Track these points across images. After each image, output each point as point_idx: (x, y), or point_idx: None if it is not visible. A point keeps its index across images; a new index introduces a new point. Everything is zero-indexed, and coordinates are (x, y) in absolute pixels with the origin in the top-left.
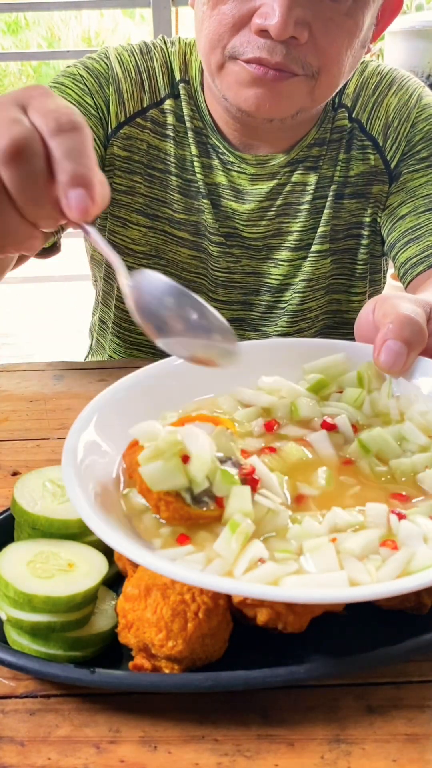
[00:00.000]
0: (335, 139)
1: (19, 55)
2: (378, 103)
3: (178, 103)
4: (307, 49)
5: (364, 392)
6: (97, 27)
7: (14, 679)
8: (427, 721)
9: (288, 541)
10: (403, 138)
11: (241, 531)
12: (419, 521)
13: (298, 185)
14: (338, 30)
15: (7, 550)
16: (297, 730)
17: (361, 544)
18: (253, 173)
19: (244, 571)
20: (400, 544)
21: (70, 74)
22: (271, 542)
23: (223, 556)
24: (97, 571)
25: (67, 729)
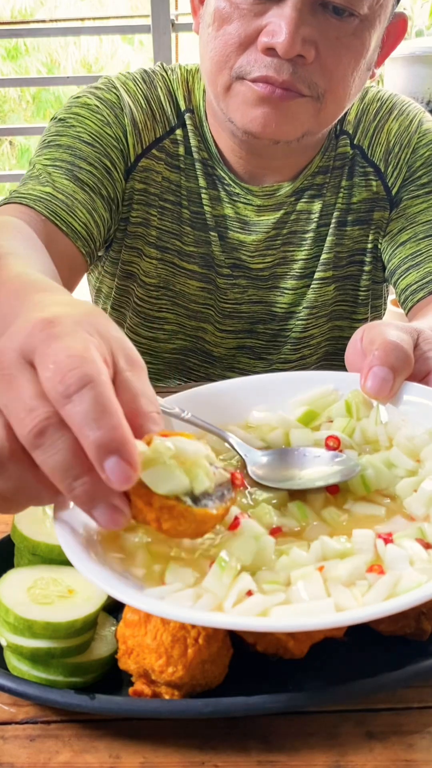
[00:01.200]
0: (338, 166)
1: (18, 81)
2: (379, 129)
3: (185, 133)
4: (313, 68)
5: (353, 420)
6: (97, 53)
7: (14, 705)
8: (427, 748)
9: (276, 573)
10: (404, 164)
11: (230, 567)
12: (405, 544)
13: (303, 213)
14: (345, 50)
15: (7, 576)
16: (297, 756)
17: (348, 570)
18: (260, 204)
19: (233, 605)
20: (387, 569)
21: (84, 104)
22: (260, 574)
23: (212, 592)
24: (97, 597)
25: (68, 755)
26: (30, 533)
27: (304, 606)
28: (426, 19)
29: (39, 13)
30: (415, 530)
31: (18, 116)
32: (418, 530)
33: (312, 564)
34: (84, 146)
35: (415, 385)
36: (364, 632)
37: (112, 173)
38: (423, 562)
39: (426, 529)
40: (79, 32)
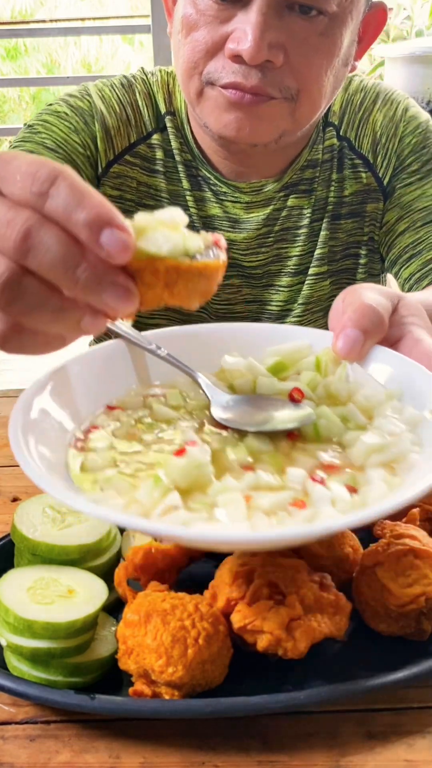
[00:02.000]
0: (326, 159)
1: (18, 81)
2: (364, 120)
3: (165, 137)
4: (283, 71)
5: (319, 376)
6: (97, 53)
7: (14, 705)
8: (427, 747)
9: (207, 496)
10: (392, 153)
11: (163, 485)
12: (333, 487)
13: (295, 209)
14: (315, 51)
15: (7, 576)
16: (297, 756)
17: (272, 501)
18: (248, 201)
19: (159, 515)
20: (309, 505)
21: (53, 111)
22: (193, 496)
23: (141, 503)
24: (97, 598)
25: (67, 755)
26: (30, 533)
27: (222, 525)
28: (426, 19)
29: (39, 13)
30: (348, 476)
31: (18, 116)
32: (351, 477)
33: (239, 491)
34: (47, 152)
35: (384, 349)
36: (364, 632)
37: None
38: (345, 503)
39: (358, 477)
40: (79, 32)
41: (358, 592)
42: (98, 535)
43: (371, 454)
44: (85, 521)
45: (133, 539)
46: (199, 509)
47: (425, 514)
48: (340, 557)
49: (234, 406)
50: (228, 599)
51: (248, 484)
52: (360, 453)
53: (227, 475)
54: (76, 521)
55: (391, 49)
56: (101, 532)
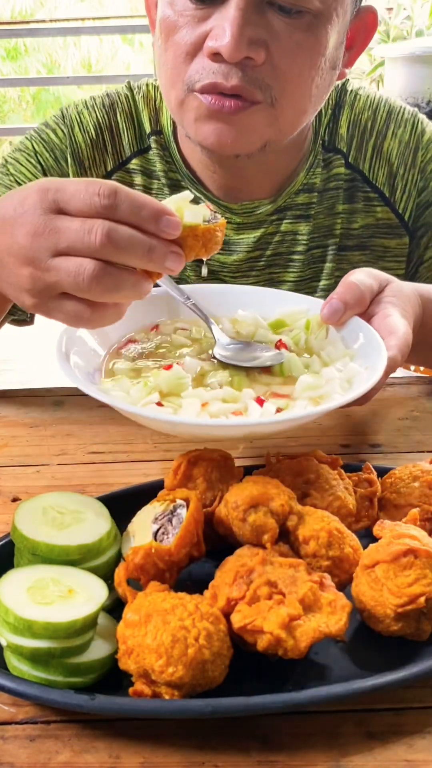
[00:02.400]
0: (331, 188)
1: (18, 81)
2: (378, 148)
3: (148, 159)
4: (264, 70)
5: (304, 333)
6: (97, 53)
7: (14, 705)
8: (427, 747)
9: (178, 398)
10: (412, 187)
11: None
12: (267, 406)
13: (289, 234)
14: (298, 48)
15: (7, 576)
16: (297, 756)
17: (219, 408)
18: (240, 222)
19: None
20: (244, 414)
21: (24, 148)
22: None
23: (132, 396)
24: (97, 598)
25: (68, 755)
26: (30, 533)
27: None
28: (426, 19)
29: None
30: (283, 402)
31: (18, 116)
32: (285, 403)
33: (199, 398)
34: None
35: (359, 320)
36: (364, 632)
37: None
38: (269, 415)
39: (290, 404)
40: (79, 32)
41: (358, 592)
42: (98, 535)
43: (305, 390)
44: (84, 521)
45: (132, 539)
46: (169, 406)
47: (425, 514)
48: (340, 557)
49: (231, 347)
50: (228, 599)
51: (212, 396)
52: (298, 388)
53: (199, 388)
54: (76, 521)
55: (391, 49)
56: (101, 532)
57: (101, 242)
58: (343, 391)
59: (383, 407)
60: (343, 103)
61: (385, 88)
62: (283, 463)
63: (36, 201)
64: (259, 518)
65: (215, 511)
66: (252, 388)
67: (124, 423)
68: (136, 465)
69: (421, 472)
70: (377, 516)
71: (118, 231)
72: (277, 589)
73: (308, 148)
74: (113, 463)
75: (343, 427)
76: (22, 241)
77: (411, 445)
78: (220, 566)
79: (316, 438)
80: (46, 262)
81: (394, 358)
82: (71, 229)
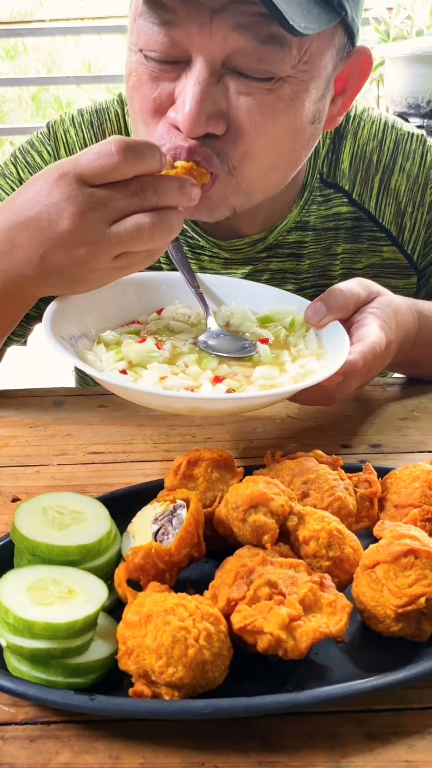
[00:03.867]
0: (330, 227)
1: (18, 81)
2: (385, 184)
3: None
4: (226, 140)
5: (283, 329)
6: (97, 53)
7: (14, 705)
8: (428, 748)
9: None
10: (421, 225)
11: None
12: (219, 386)
13: (278, 273)
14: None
15: (6, 577)
16: (297, 757)
17: (175, 382)
18: (228, 258)
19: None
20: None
21: (9, 174)
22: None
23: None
24: (97, 598)
25: (67, 756)
26: (30, 534)
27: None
28: (426, 19)
29: (39, 14)
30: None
31: (18, 116)
32: (239, 386)
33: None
34: None
35: (338, 325)
36: (364, 632)
37: None
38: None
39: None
40: (79, 32)
41: (358, 592)
42: (98, 535)
43: (259, 378)
44: (84, 521)
45: (132, 539)
46: (132, 375)
47: (425, 515)
48: (340, 557)
49: (217, 337)
50: (228, 599)
51: (169, 371)
52: (255, 376)
53: (165, 364)
54: (76, 521)
55: (391, 49)
56: (101, 533)
57: (147, 196)
58: (295, 384)
59: (383, 407)
60: (346, 133)
61: (385, 88)
62: (283, 463)
63: (63, 187)
64: (259, 518)
65: (215, 512)
66: (216, 372)
67: (124, 423)
68: (136, 465)
69: (421, 472)
70: (377, 516)
71: (155, 182)
72: (278, 589)
73: (303, 182)
74: (113, 463)
75: (343, 427)
76: (70, 226)
77: (411, 445)
78: (220, 566)
79: (316, 438)
80: (105, 233)
81: (353, 362)
82: (115, 197)
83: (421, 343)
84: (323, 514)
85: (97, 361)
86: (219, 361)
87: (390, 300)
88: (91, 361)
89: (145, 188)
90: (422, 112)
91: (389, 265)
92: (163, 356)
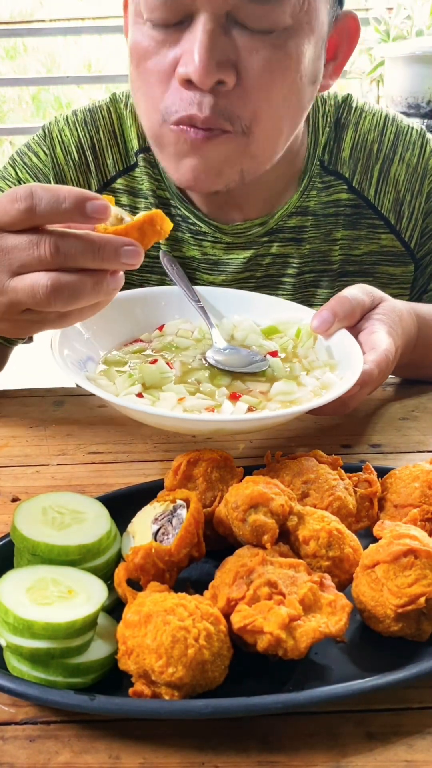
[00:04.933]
0: (330, 213)
1: (18, 81)
2: (384, 173)
3: (134, 177)
4: (235, 95)
5: (293, 341)
6: (97, 53)
7: (14, 705)
8: (427, 748)
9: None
10: (419, 214)
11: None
12: (239, 405)
13: (280, 257)
14: (269, 67)
15: (6, 577)
16: (297, 757)
17: (194, 403)
18: (229, 242)
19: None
20: (216, 411)
21: (8, 176)
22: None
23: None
24: (97, 598)
25: (67, 755)
26: (30, 533)
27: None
28: (426, 19)
29: (39, 14)
30: (256, 402)
31: (18, 116)
32: (258, 403)
33: (176, 393)
34: None
35: (346, 332)
36: (364, 632)
37: None
38: (239, 413)
39: (264, 404)
40: (79, 32)
41: (358, 593)
42: (98, 535)
43: (277, 394)
44: (84, 521)
45: (132, 539)
46: (149, 398)
47: (425, 515)
48: (340, 557)
49: (226, 352)
50: (228, 599)
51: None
52: (273, 392)
53: (181, 384)
54: (76, 521)
55: (391, 49)
56: (101, 532)
57: (49, 252)
58: (315, 398)
59: (383, 407)
60: (348, 122)
61: (385, 88)
62: (283, 463)
63: None
64: (259, 518)
65: (215, 512)
66: (233, 389)
67: (124, 423)
68: (136, 465)
69: (421, 472)
70: (377, 516)
71: (63, 237)
72: (277, 589)
73: (302, 167)
74: (113, 463)
75: (343, 427)
76: None
77: (411, 445)
78: (220, 566)
79: (316, 438)
80: (3, 285)
81: (369, 372)
82: (18, 248)
83: (421, 346)
84: (323, 514)
85: (110, 386)
86: (232, 377)
87: (394, 306)
88: (104, 386)
89: (44, 243)
90: (422, 112)
91: (387, 253)
92: (175, 375)
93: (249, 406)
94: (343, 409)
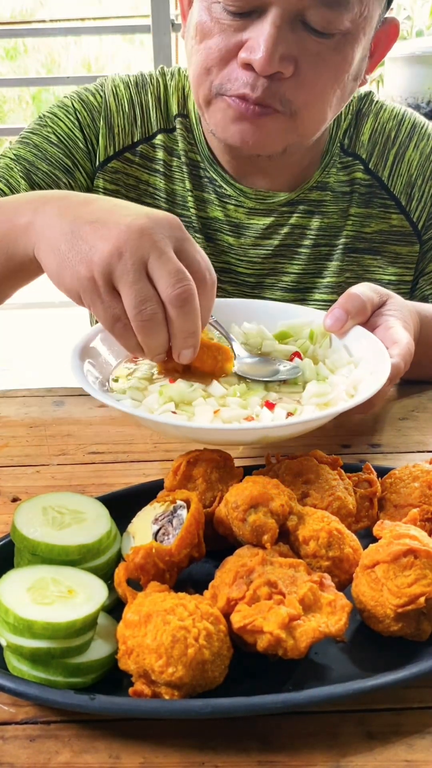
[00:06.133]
0: (346, 191)
1: (18, 81)
2: (399, 158)
3: (172, 138)
4: (290, 84)
5: (309, 343)
6: (97, 53)
7: (14, 705)
8: (427, 748)
9: (190, 407)
10: (428, 197)
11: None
12: (277, 411)
13: (297, 228)
14: (325, 65)
15: (7, 577)
16: (297, 757)
17: (230, 413)
18: (252, 207)
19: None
20: (255, 419)
21: (64, 105)
22: (181, 407)
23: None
24: (97, 598)
25: (67, 755)
26: (30, 533)
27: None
28: (426, 19)
29: (39, 13)
30: (292, 407)
31: (18, 116)
32: (294, 407)
33: (211, 406)
34: (49, 147)
35: (361, 328)
36: (364, 632)
37: (74, 173)
38: (280, 419)
39: (299, 408)
40: (79, 32)
41: (358, 592)
42: (98, 535)
43: (311, 397)
44: (84, 521)
45: (132, 539)
46: (183, 414)
47: (425, 515)
48: (340, 557)
49: (249, 362)
50: (228, 599)
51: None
52: (306, 395)
53: (210, 398)
54: (76, 521)
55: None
56: (101, 532)
57: (177, 295)
58: (350, 397)
59: (383, 407)
60: (369, 112)
61: (385, 88)
62: (283, 463)
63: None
64: (259, 518)
65: (215, 512)
66: (266, 397)
67: (124, 423)
68: (136, 465)
69: (421, 472)
70: (377, 516)
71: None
72: (277, 589)
73: (324, 147)
74: (113, 463)
75: (343, 427)
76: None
77: (411, 445)
78: (220, 566)
79: (316, 438)
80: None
81: (397, 366)
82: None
83: (422, 345)
84: (323, 514)
85: (137, 404)
86: (264, 386)
87: (402, 301)
88: (136, 405)
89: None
90: (422, 112)
91: (396, 233)
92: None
93: (287, 412)
94: (369, 407)
